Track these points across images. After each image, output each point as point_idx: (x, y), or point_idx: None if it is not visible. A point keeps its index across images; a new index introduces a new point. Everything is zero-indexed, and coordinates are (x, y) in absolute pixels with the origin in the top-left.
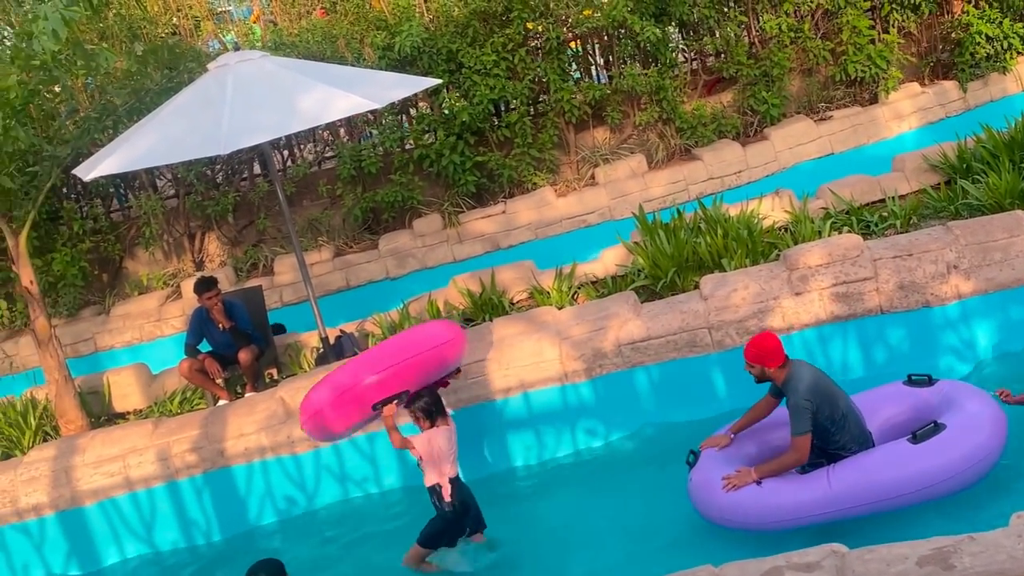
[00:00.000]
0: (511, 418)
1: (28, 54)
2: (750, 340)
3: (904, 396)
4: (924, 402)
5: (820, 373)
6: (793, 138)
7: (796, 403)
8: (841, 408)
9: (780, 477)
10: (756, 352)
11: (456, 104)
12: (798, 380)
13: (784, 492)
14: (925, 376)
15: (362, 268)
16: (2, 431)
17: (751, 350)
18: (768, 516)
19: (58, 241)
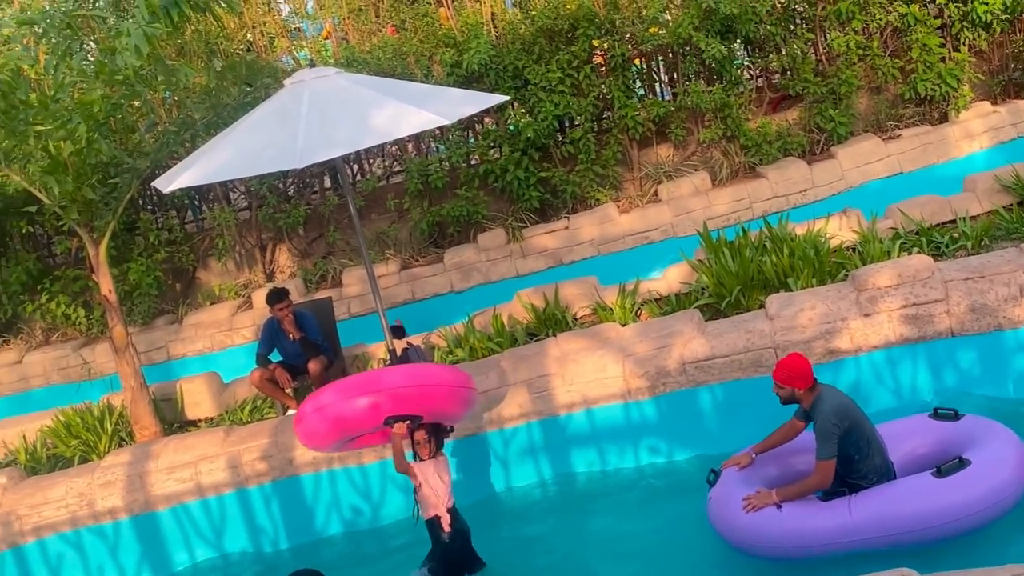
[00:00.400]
0: (574, 434)
1: (112, 69)
2: (779, 361)
3: (929, 429)
4: (949, 436)
5: (848, 399)
6: (861, 157)
7: (824, 427)
8: (866, 436)
9: (801, 502)
10: (786, 373)
11: (521, 120)
12: (827, 404)
13: (804, 517)
14: (951, 410)
15: (427, 281)
16: (80, 435)
17: (780, 371)
18: (786, 540)
19: (134, 251)
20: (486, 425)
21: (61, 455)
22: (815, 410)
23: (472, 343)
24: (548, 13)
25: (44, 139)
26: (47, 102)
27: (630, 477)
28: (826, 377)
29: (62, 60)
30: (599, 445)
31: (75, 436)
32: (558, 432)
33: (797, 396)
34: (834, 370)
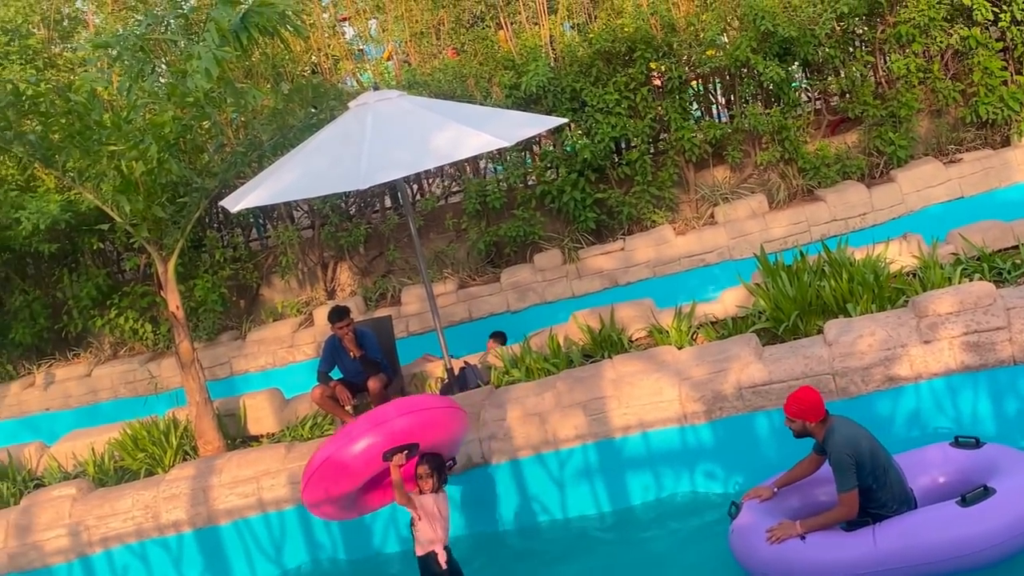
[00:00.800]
0: (629, 456)
1: (183, 91)
2: (791, 395)
3: (950, 458)
4: (970, 465)
5: (861, 429)
6: (921, 180)
7: (839, 458)
8: (882, 465)
9: (824, 533)
10: (797, 407)
11: (578, 141)
12: (839, 435)
13: (828, 548)
14: (973, 438)
15: (484, 301)
16: (146, 449)
17: (792, 405)
18: (810, 572)
19: (200, 268)
20: (542, 446)
21: (128, 468)
22: (828, 442)
23: (528, 363)
24: (606, 36)
25: (117, 159)
26: (120, 123)
27: (685, 502)
28: (885, 405)
29: (135, 82)
30: (655, 469)
31: (141, 449)
32: (613, 455)
33: (809, 429)
34: (893, 397)
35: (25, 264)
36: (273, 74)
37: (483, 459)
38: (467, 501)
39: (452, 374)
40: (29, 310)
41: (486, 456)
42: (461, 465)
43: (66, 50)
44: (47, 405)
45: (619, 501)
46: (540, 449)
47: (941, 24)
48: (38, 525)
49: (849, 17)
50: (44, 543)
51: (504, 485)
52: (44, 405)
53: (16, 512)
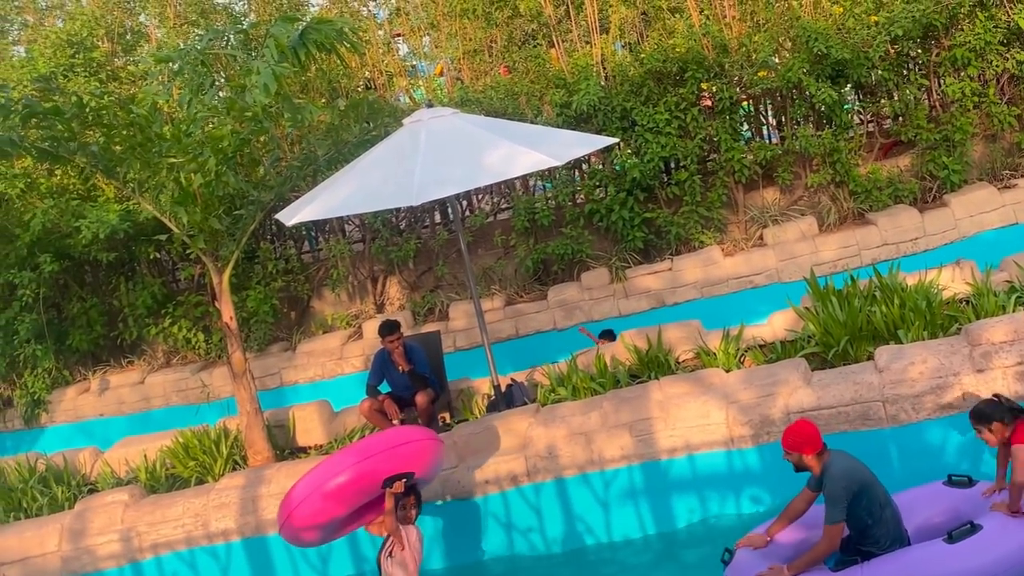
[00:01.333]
0: (675, 479)
1: (241, 105)
2: (787, 428)
3: (944, 496)
4: (963, 503)
5: (859, 464)
6: (975, 206)
7: (833, 491)
8: (880, 501)
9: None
10: (794, 440)
11: (628, 160)
12: (836, 468)
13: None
14: (965, 477)
15: (531, 318)
16: (197, 457)
17: (789, 438)
18: None
19: (253, 279)
20: (587, 466)
21: (179, 475)
22: (825, 475)
23: (575, 382)
24: (657, 55)
25: (176, 171)
26: (180, 135)
27: (731, 525)
28: (936, 434)
29: (195, 96)
30: (700, 492)
31: (192, 458)
32: (659, 476)
33: (806, 462)
34: (944, 426)
35: (83, 272)
36: (328, 90)
37: (528, 477)
38: (510, 520)
39: (499, 391)
40: (86, 317)
41: (531, 474)
42: (506, 483)
43: (128, 63)
44: (101, 411)
45: (664, 523)
46: (585, 469)
47: (997, 48)
48: (91, 530)
49: (903, 40)
50: (97, 547)
51: (548, 504)
52: (98, 410)
53: (70, 516)
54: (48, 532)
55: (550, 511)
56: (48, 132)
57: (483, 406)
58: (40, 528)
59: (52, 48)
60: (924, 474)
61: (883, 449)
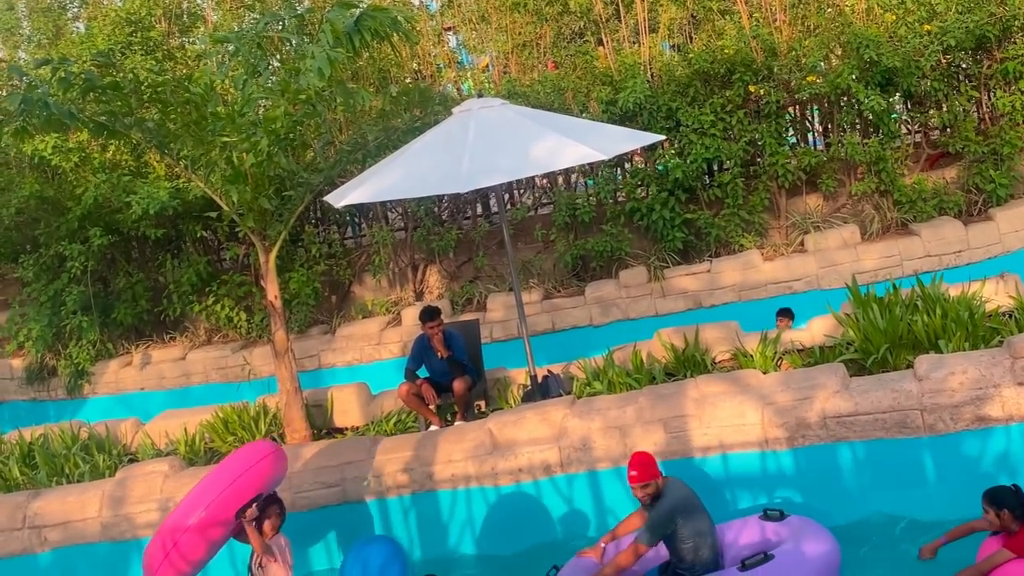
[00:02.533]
0: (708, 477)
1: (295, 88)
2: (633, 463)
3: (756, 529)
4: (772, 535)
5: (691, 492)
6: (1020, 221)
7: (659, 516)
8: (701, 531)
9: None
10: (648, 470)
11: (671, 160)
12: (671, 495)
13: None
14: (777, 511)
15: (568, 313)
16: (236, 433)
17: (644, 469)
18: None
19: (296, 262)
20: (621, 460)
21: (217, 449)
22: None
23: (611, 377)
24: (705, 56)
25: (228, 150)
26: (234, 115)
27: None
28: (974, 445)
29: (251, 77)
30: (733, 491)
31: (231, 433)
32: (693, 473)
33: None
34: (983, 438)
35: (131, 247)
36: (378, 78)
37: (561, 468)
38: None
39: (535, 381)
40: (132, 292)
41: (564, 465)
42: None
43: (185, 43)
44: (142, 384)
45: None
46: (619, 463)
47: None
48: (131, 498)
49: (955, 50)
50: (136, 515)
51: (581, 495)
52: (139, 384)
53: (111, 484)
54: (89, 498)
55: (582, 502)
56: (106, 107)
57: (519, 396)
58: (82, 494)
59: (111, 26)
60: (959, 485)
61: (919, 458)
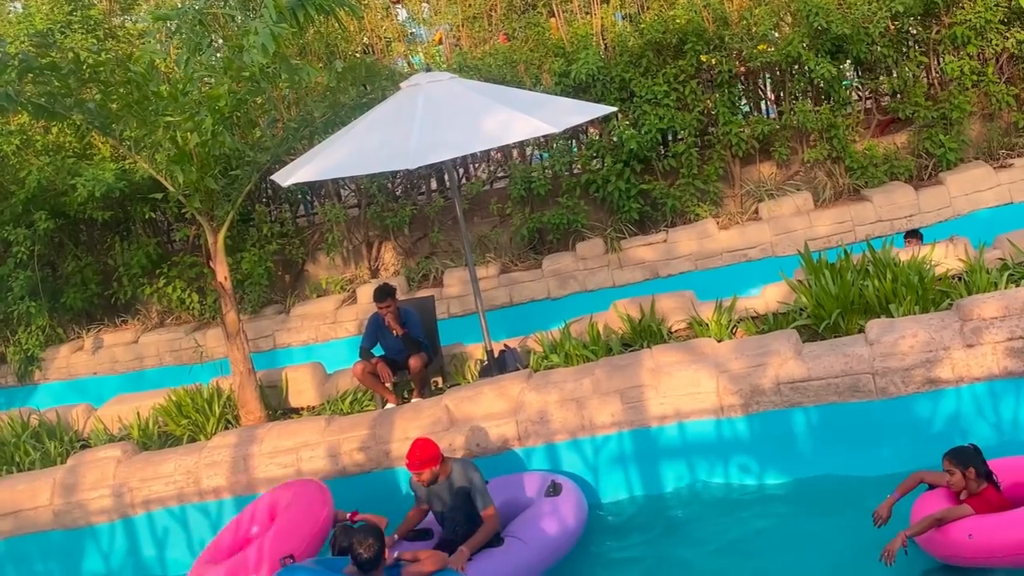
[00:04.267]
0: (665, 446)
1: (239, 66)
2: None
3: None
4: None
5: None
6: (970, 184)
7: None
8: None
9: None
10: (431, 454)
11: (625, 132)
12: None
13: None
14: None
15: (525, 286)
16: (190, 416)
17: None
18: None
19: (248, 242)
20: (578, 431)
21: (171, 433)
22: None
23: (568, 349)
24: (657, 27)
25: (172, 130)
26: (177, 94)
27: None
28: (925, 407)
29: (193, 55)
30: (689, 459)
31: (185, 416)
32: (649, 443)
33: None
34: (933, 400)
35: (79, 230)
36: (326, 53)
37: (519, 441)
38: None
39: (492, 356)
40: (81, 275)
41: (522, 438)
42: (497, 447)
43: (126, 22)
44: (95, 369)
45: (652, 488)
46: (576, 434)
47: (997, 27)
48: (83, 484)
49: (904, 16)
50: (88, 502)
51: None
52: (92, 369)
53: (63, 471)
54: (40, 486)
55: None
56: (44, 88)
57: (476, 371)
58: (32, 482)
59: (49, 4)
60: (911, 446)
61: (871, 421)
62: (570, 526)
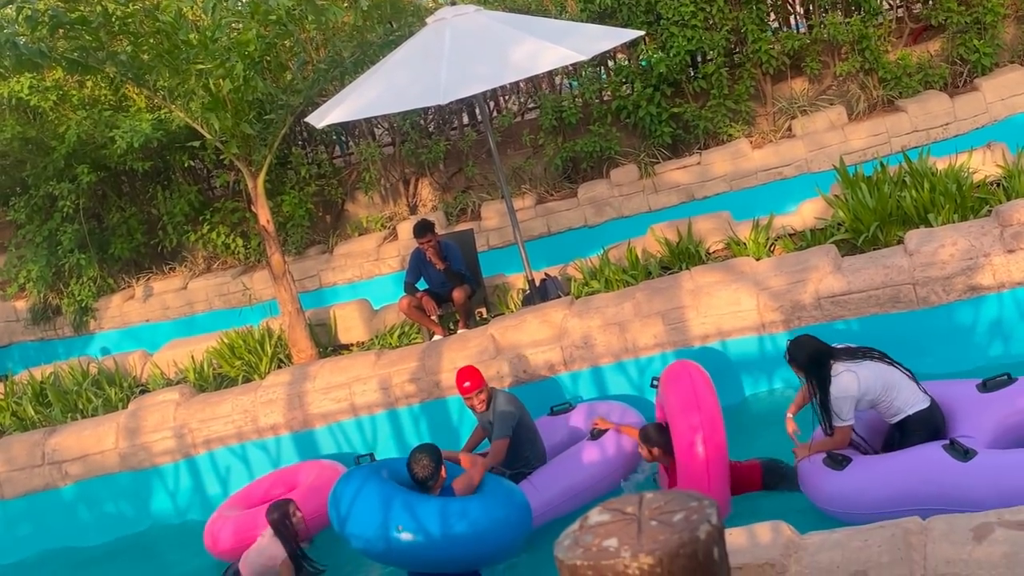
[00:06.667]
0: (708, 365)
1: (265, 9)
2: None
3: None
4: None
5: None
6: (1006, 89)
7: (504, 413)
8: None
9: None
10: (478, 377)
11: (653, 56)
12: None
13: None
14: (567, 403)
15: (562, 215)
16: (243, 357)
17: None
18: None
19: (287, 185)
20: (622, 354)
21: (226, 374)
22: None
23: (607, 275)
24: None
25: (204, 77)
26: (207, 42)
27: (763, 407)
28: (967, 314)
29: (219, 1)
30: (734, 375)
31: (238, 357)
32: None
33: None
34: (975, 306)
35: (120, 182)
36: None
37: (565, 366)
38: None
39: (533, 285)
40: (126, 226)
41: (567, 363)
42: (543, 373)
43: None
44: (147, 316)
45: None
46: (620, 357)
47: None
48: (145, 427)
49: None
50: (152, 444)
51: (586, 391)
52: (144, 316)
53: (125, 416)
54: (105, 431)
55: (588, 396)
56: (76, 43)
57: (518, 300)
58: (97, 427)
59: None
60: (955, 355)
61: (914, 331)
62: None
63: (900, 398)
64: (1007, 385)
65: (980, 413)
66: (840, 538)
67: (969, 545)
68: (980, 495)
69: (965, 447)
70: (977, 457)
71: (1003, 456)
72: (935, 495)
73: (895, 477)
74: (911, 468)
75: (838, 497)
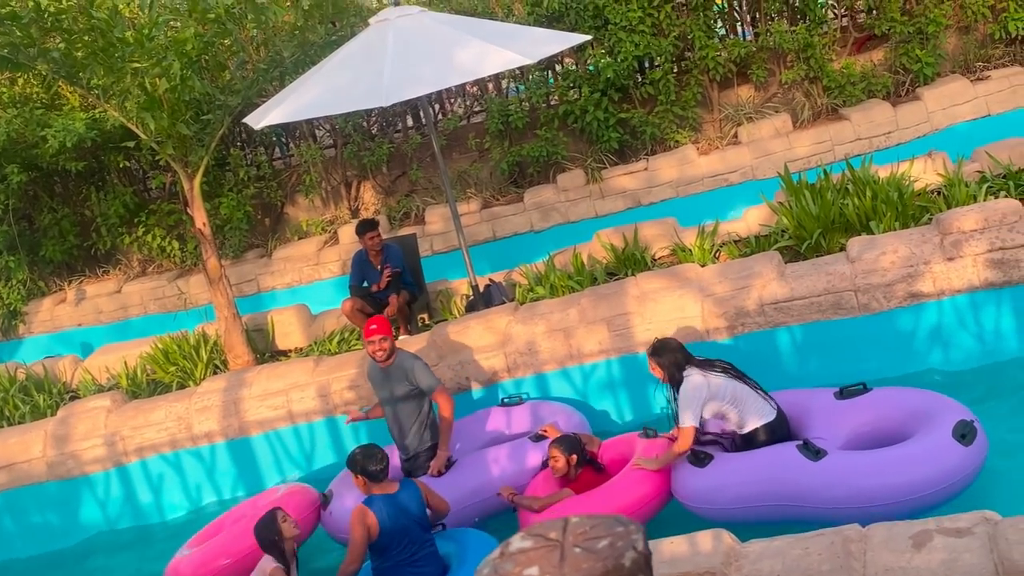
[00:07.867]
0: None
1: (204, 8)
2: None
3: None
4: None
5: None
6: (947, 99)
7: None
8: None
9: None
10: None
11: (601, 60)
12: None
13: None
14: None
15: (507, 220)
16: (177, 363)
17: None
18: None
19: (225, 187)
20: (567, 360)
21: (160, 380)
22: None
23: (552, 281)
24: None
25: (140, 76)
26: (143, 40)
27: None
28: (908, 321)
29: None
30: None
31: (173, 363)
32: (637, 369)
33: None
34: (916, 314)
35: (53, 182)
36: None
37: (509, 373)
38: None
39: (477, 291)
40: (58, 228)
41: (511, 369)
42: (487, 379)
43: None
44: (79, 320)
45: (641, 412)
46: (565, 363)
47: None
48: (75, 435)
49: None
50: (81, 452)
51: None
52: (76, 320)
53: (54, 423)
54: (32, 438)
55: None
56: (6, 39)
57: (462, 306)
58: (24, 435)
59: None
60: (895, 361)
61: (855, 337)
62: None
63: (746, 410)
64: (861, 394)
65: (834, 418)
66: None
67: (908, 552)
68: (829, 493)
69: (817, 447)
70: (827, 457)
71: (851, 457)
72: (789, 492)
73: (752, 475)
74: (766, 466)
75: (701, 493)
